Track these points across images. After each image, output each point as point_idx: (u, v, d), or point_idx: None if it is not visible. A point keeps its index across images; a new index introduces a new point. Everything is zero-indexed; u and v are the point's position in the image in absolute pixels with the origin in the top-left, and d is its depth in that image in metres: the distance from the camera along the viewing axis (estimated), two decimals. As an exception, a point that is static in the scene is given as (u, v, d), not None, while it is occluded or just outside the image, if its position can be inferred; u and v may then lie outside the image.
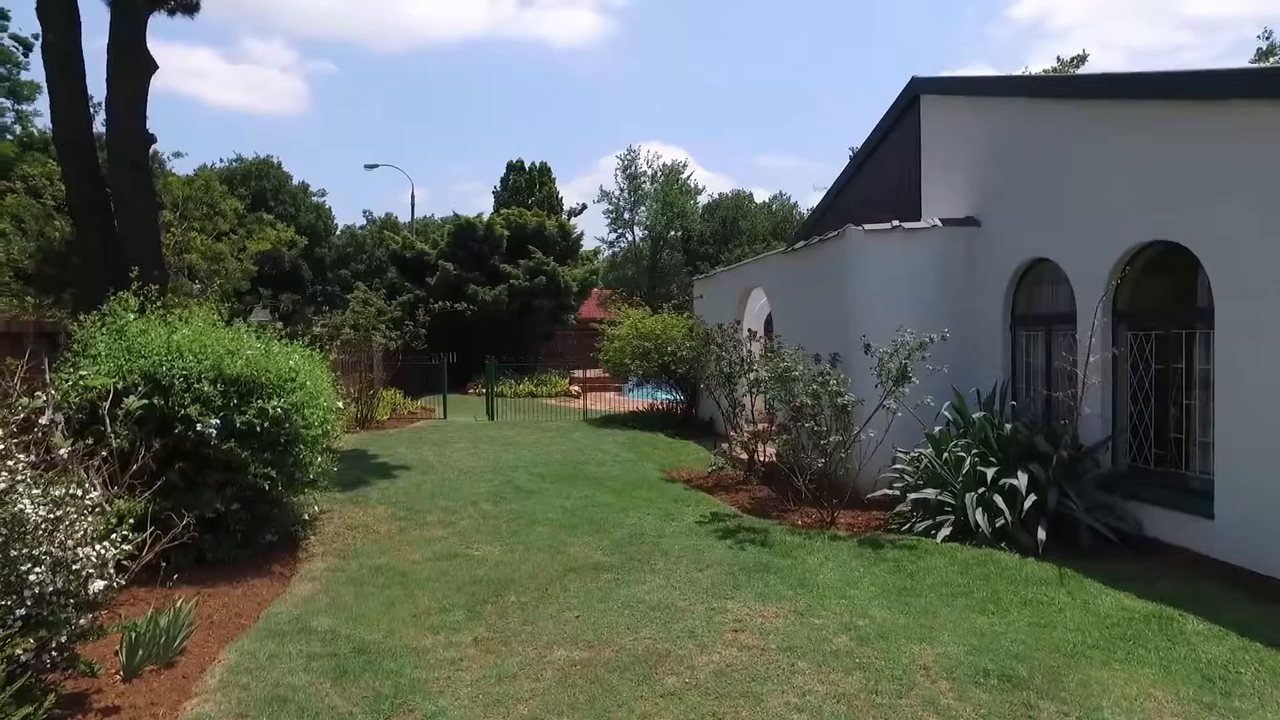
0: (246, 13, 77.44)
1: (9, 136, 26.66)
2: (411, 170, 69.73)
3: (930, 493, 7.65)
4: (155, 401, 6.05)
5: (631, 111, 79.34)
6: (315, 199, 44.71)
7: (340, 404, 8.05)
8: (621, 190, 47.83)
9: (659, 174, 47.76)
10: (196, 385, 6.18)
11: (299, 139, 78.57)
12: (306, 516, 7.10)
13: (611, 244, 49.01)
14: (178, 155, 21.77)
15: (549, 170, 38.26)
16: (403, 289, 26.08)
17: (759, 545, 7.19)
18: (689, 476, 10.86)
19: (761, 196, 53.19)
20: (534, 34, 76.26)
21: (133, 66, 11.13)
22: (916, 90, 11.02)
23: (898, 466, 8.23)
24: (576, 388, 24.05)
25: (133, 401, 5.63)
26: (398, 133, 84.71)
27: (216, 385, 6.26)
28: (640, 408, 18.03)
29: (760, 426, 10.67)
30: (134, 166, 11.15)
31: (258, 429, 6.31)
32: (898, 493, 8.30)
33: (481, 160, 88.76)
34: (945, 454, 7.84)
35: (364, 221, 50.69)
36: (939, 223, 9.59)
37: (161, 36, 74.07)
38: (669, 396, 17.13)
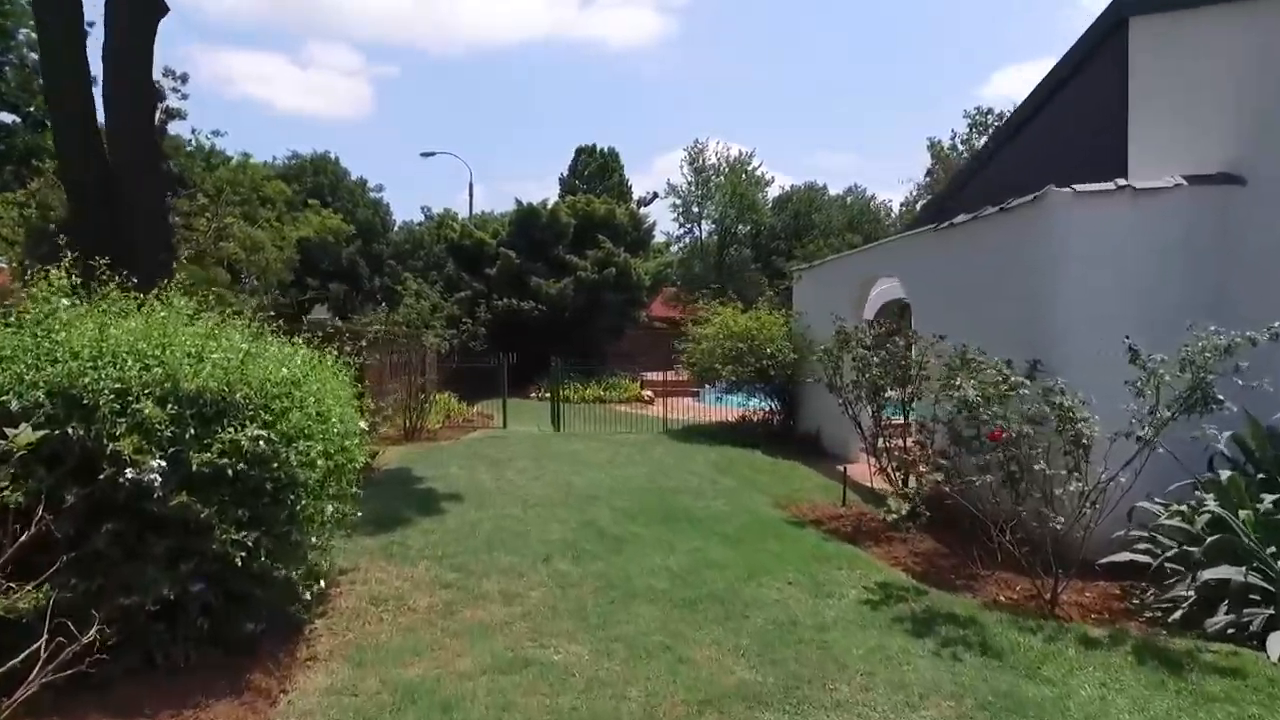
0: (313, 20, 77.09)
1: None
2: (469, 172, 68.03)
3: (1231, 573, 5.07)
4: (71, 430, 3.91)
5: (690, 111, 76.29)
6: (373, 194, 43.34)
7: (364, 425, 5.84)
8: (689, 183, 45.44)
9: (725, 165, 45.24)
10: (136, 406, 4.01)
11: (362, 140, 77.83)
12: (308, 596, 4.87)
13: (678, 239, 46.62)
14: (217, 134, 20.09)
15: (618, 156, 36.02)
16: (460, 282, 24.08)
17: (979, 652, 4.74)
18: (816, 515, 8.43)
19: (834, 190, 49.92)
20: (593, 35, 73.84)
21: (137, 4, 9.20)
22: (1123, 12, 8.36)
23: (1166, 522, 5.68)
24: (649, 392, 21.77)
25: (24, 433, 3.48)
26: (457, 134, 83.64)
27: (167, 405, 4.09)
28: (728, 418, 15.57)
29: (912, 446, 8.20)
30: (136, 126, 9.22)
31: (228, 472, 4.13)
32: (1148, 559, 5.78)
33: (538, 160, 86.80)
34: (1245, 512, 5.26)
35: (422, 218, 49.28)
36: (1183, 181, 6.97)
37: (232, 44, 74.71)
38: (763, 405, 14.64)
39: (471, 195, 42.69)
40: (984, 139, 42.39)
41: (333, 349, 6.10)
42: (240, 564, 4.17)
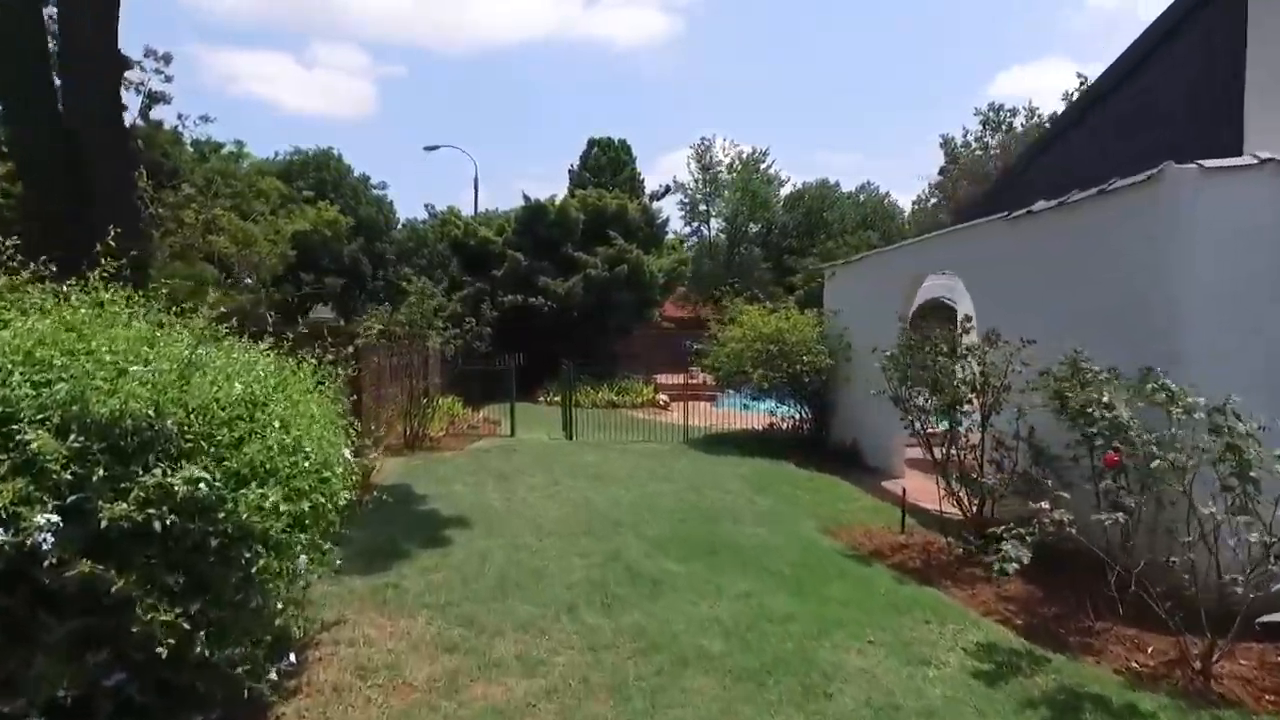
0: (314, 20, 76.00)
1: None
2: (475, 166, 66.08)
3: None
4: (-68, 472, 2.81)
5: (692, 110, 75.07)
6: (376, 192, 42.17)
7: (348, 453, 4.70)
8: (697, 181, 44.26)
9: (736, 162, 44.07)
10: (24, 438, 2.90)
11: (367, 140, 76.67)
12: (274, 675, 3.75)
13: (685, 239, 45.40)
14: (205, 120, 18.74)
15: (630, 149, 34.90)
16: (464, 283, 22.92)
17: (1150, 757, 3.62)
18: (875, 545, 7.32)
19: (845, 187, 48.66)
20: (598, 34, 72.51)
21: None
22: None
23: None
24: (664, 397, 20.65)
25: None
26: (463, 134, 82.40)
27: (68, 435, 2.98)
28: (752, 425, 14.45)
29: (986, 465, 7.08)
30: (99, 96, 8.13)
31: (155, 526, 3.01)
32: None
33: (543, 160, 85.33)
34: None
35: (426, 216, 47.99)
36: (1339, 153, 5.84)
37: (235, 44, 73.76)
38: (791, 412, 13.51)
39: (476, 191, 41.16)
40: (997, 134, 41.39)
41: (311, 355, 4.97)
42: (174, 650, 3.07)
